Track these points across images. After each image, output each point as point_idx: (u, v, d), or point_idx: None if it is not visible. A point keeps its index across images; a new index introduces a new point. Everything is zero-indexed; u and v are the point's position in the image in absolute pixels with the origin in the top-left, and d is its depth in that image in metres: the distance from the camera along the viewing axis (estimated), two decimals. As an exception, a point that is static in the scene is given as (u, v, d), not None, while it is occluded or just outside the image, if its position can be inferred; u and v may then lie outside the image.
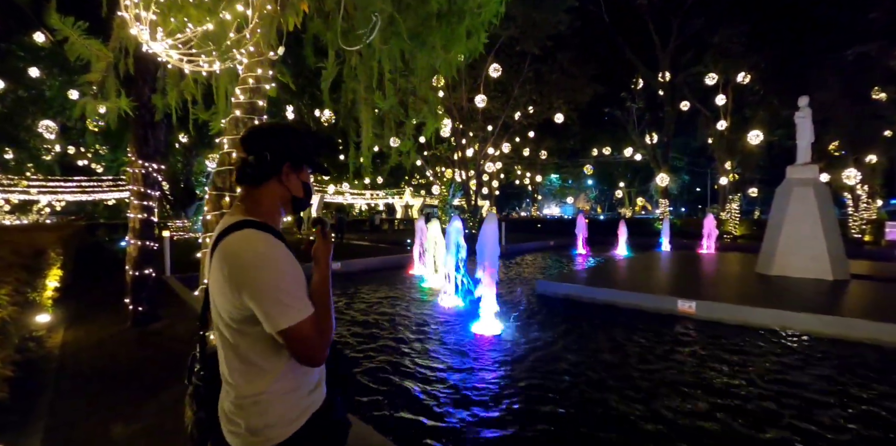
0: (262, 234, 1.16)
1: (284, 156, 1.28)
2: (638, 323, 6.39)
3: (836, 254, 9.03)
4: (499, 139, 25.31)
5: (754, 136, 18.79)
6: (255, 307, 1.12)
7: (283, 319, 1.10)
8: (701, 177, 41.26)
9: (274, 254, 1.14)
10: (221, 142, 2.71)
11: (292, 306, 1.11)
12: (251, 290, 1.11)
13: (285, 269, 1.13)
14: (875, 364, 4.76)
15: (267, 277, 1.11)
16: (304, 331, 1.12)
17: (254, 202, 1.27)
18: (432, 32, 2.56)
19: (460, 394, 3.94)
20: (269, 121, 1.41)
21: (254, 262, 1.12)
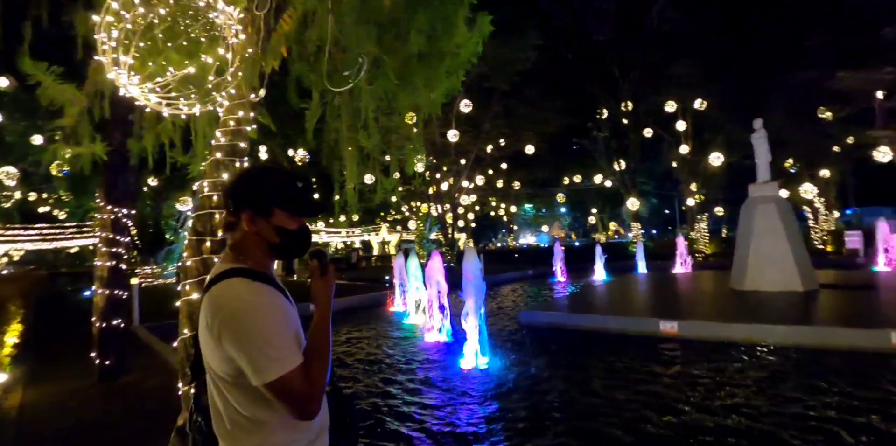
0: (245, 282, 1.11)
1: (243, 204, 1.21)
2: (624, 347, 6.38)
3: (803, 265, 9.35)
4: (472, 172, 25.78)
5: (715, 158, 19.72)
6: (238, 359, 1.06)
7: (267, 372, 1.03)
8: (668, 199, 42.63)
9: (257, 303, 1.08)
10: (201, 186, 2.68)
11: (276, 358, 1.03)
12: (233, 342, 1.05)
13: (269, 318, 1.07)
14: (858, 367, 4.85)
15: (249, 328, 1.04)
16: (290, 384, 1.04)
17: (239, 249, 1.22)
18: (414, 73, 2.66)
19: (455, 432, 3.81)
20: (247, 167, 1.34)
21: (234, 313, 1.06)
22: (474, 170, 25.90)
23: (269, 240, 1.21)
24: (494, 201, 36.00)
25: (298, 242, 1.26)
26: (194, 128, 2.94)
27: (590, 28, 24.26)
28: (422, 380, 5.31)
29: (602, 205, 41.49)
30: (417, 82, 2.74)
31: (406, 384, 5.16)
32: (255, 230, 1.20)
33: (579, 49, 25.38)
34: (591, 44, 24.66)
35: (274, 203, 1.21)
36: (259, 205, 1.20)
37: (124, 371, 5.40)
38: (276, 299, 1.12)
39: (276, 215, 1.21)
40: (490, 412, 4.23)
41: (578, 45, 25.28)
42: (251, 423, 1.11)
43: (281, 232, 1.21)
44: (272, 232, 1.21)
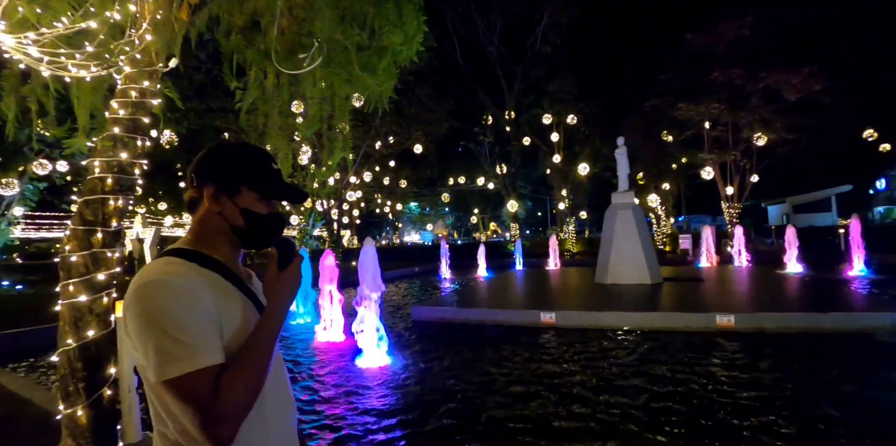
0: (172, 261, 0.94)
1: (209, 177, 1.03)
2: (509, 337, 6.89)
3: (651, 263, 11.00)
4: (360, 168, 25.34)
5: (582, 168, 22.14)
6: (136, 350, 0.88)
7: (162, 369, 0.82)
8: (541, 203, 46.72)
9: (169, 284, 0.88)
10: (92, 165, 2.25)
11: (177, 353, 0.82)
12: (135, 327, 0.87)
13: (181, 304, 0.86)
14: (692, 344, 5.89)
15: (151, 313, 0.85)
16: (189, 388, 0.82)
17: (194, 232, 1.05)
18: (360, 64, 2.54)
19: (355, 430, 3.78)
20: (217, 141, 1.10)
21: (139, 295, 0.88)
22: (362, 165, 25.50)
23: (232, 222, 1.03)
24: (380, 198, 35.81)
25: (266, 229, 1.07)
26: (76, 95, 2.42)
27: (480, 38, 25.54)
28: (319, 381, 5.14)
29: (483, 205, 43.75)
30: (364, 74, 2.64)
31: (301, 386, 4.96)
32: (217, 209, 1.02)
33: (470, 56, 26.65)
34: (482, 53, 26.06)
35: (242, 180, 1.04)
36: (224, 180, 1.03)
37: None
38: (202, 283, 0.92)
39: (244, 195, 1.04)
40: (392, 407, 4.27)
41: (469, 53, 26.54)
42: (180, 439, 0.88)
43: (247, 214, 1.04)
44: (236, 213, 1.03)
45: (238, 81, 2.81)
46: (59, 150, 13.84)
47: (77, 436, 2.03)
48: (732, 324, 6.62)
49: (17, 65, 2.18)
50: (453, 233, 58.84)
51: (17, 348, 6.90)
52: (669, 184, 25.25)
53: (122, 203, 2.26)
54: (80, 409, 2.03)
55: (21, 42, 1.94)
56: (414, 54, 2.79)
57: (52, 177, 15.80)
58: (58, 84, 2.39)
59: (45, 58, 2.02)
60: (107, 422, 2.12)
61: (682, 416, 3.78)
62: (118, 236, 2.24)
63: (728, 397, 4.17)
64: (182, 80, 17.81)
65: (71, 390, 2.05)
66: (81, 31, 2.13)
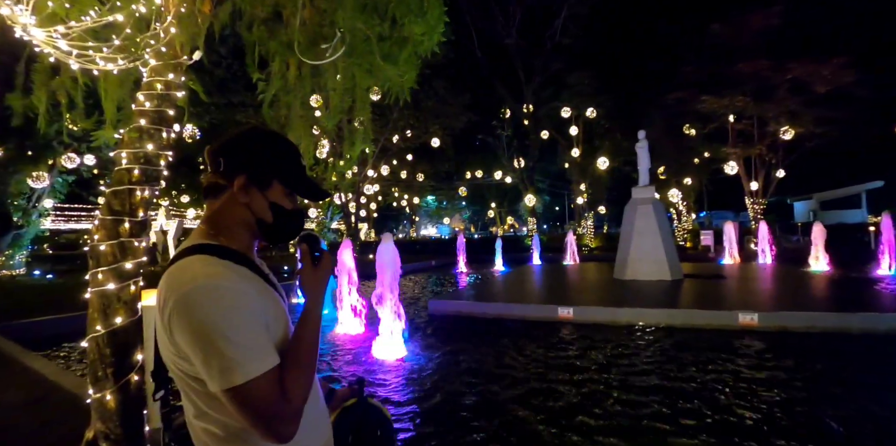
0: (210, 261, 0.91)
1: (242, 166, 0.99)
2: (526, 331, 6.87)
3: (671, 259, 10.82)
4: (377, 161, 25.46)
5: (602, 162, 21.82)
6: (193, 357, 0.85)
7: (225, 377, 0.81)
8: (559, 197, 46.31)
9: (217, 287, 0.85)
10: (119, 156, 2.30)
11: (238, 359, 0.82)
12: (185, 335, 0.84)
13: (232, 307, 0.85)
14: (713, 342, 5.78)
15: (204, 318, 0.82)
16: (255, 394, 0.82)
17: (213, 222, 1.01)
18: (374, 53, 2.54)
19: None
20: (248, 126, 1.08)
21: (187, 298, 0.84)
22: (380, 159, 25.60)
23: (259, 216, 1.01)
24: (398, 192, 35.95)
25: (291, 225, 1.06)
26: (104, 88, 2.48)
27: (498, 31, 25.27)
28: (335, 370, 5.22)
29: (501, 200, 43.59)
30: (385, 66, 2.64)
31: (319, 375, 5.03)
32: (246, 201, 0.99)
33: (488, 49, 26.42)
34: (500, 46, 25.81)
35: (276, 174, 1.02)
36: (259, 172, 1.00)
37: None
38: (245, 284, 0.91)
39: (274, 188, 1.02)
40: (407, 398, 4.31)
41: (487, 45, 26.30)
42: (228, 435, 0.89)
43: (276, 209, 1.02)
44: (265, 207, 1.01)
45: (261, 73, 2.84)
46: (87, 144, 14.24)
47: (106, 420, 2.11)
48: (755, 323, 6.48)
49: (46, 59, 2.24)
50: (470, 227, 58.83)
51: (48, 335, 7.15)
52: (691, 179, 24.74)
53: (149, 193, 2.32)
54: (109, 394, 2.11)
55: (51, 35, 1.98)
56: (436, 45, 2.77)
57: (79, 170, 16.30)
58: (86, 78, 2.45)
59: (74, 51, 2.07)
60: (133, 407, 2.20)
61: (700, 416, 3.73)
62: (145, 226, 2.30)
63: (749, 398, 4.09)
64: (204, 75, 18.08)
65: (100, 375, 2.12)
66: (108, 25, 2.17)
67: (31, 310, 8.28)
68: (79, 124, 2.74)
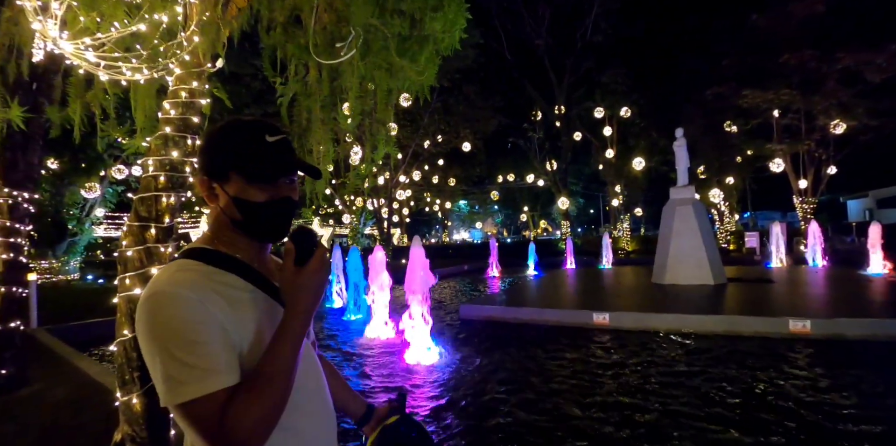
0: (187, 266, 0.85)
1: (200, 168, 0.94)
2: (560, 337, 6.67)
3: (714, 262, 10.31)
4: (409, 167, 25.66)
5: (637, 163, 21.20)
6: (148, 367, 0.80)
7: (172, 392, 0.75)
8: (594, 199, 45.35)
9: (176, 296, 0.78)
10: (146, 164, 2.36)
11: (182, 378, 0.75)
12: (141, 342, 0.80)
13: (189, 319, 0.77)
14: (762, 351, 5.43)
15: (160, 328, 0.77)
16: (201, 414, 0.75)
17: (211, 227, 0.96)
18: (401, 54, 2.52)
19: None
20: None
21: (147, 307, 0.79)
22: (411, 164, 25.80)
23: (229, 215, 0.91)
24: (429, 197, 36.11)
25: (266, 219, 0.91)
26: (133, 98, 2.57)
27: (527, 32, 25.06)
28: (365, 376, 5.20)
29: (533, 203, 43.08)
30: (402, 64, 2.62)
31: (351, 380, 5.03)
32: (215, 202, 0.92)
33: (517, 51, 26.23)
34: (529, 47, 25.57)
35: (228, 165, 0.89)
36: (212, 168, 0.91)
37: (25, 381, 4.72)
38: (214, 295, 0.81)
39: (233, 182, 0.89)
40: (438, 405, 4.23)
41: (516, 47, 26.11)
42: None
43: (240, 204, 0.89)
44: (229, 204, 0.90)
45: (280, 77, 2.87)
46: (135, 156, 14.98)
47: (132, 423, 2.15)
48: (808, 331, 6.06)
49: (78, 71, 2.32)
50: (503, 231, 58.40)
51: (98, 336, 7.48)
52: (733, 178, 23.63)
53: (175, 200, 2.37)
54: (136, 397, 2.14)
55: (78, 47, 2.05)
56: (457, 42, 2.70)
57: (128, 180, 17.14)
58: (117, 89, 2.54)
59: (102, 62, 2.13)
60: (159, 410, 2.22)
61: (750, 432, 3.47)
62: (171, 232, 2.35)
63: (805, 412, 3.79)
64: (241, 88, 18.77)
65: (127, 379, 2.17)
66: (134, 35, 2.23)
67: (83, 313, 8.74)
68: (112, 134, 2.84)
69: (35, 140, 4.71)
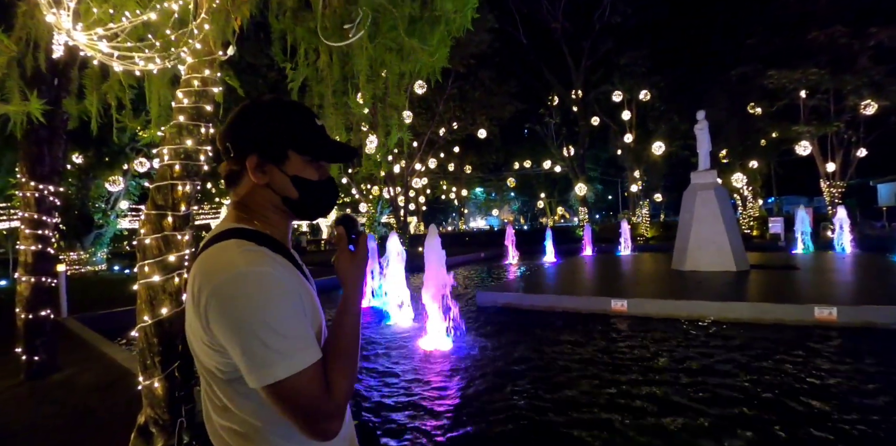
0: (247, 246, 0.83)
1: (248, 147, 0.90)
2: (578, 324, 6.63)
3: (737, 248, 10.08)
4: (424, 155, 25.56)
5: (657, 147, 20.72)
6: (230, 350, 0.79)
7: (268, 371, 0.76)
8: (612, 185, 44.65)
9: (259, 274, 0.78)
10: (161, 153, 2.39)
11: (283, 352, 0.76)
12: (223, 326, 0.77)
13: (275, 296, 0.78)
14: (786, 339, 5.31)
15: (246, 308, 0.76)
16: (300, 389, 0.77)
17: (242, 206, 0.94)
18: (411, 36, 2.48)
19: (423, 412, 3.81)
20: (247, 101, 0.97)
21: (226, 286, 0.77)
22: (427, 152, 25.69)
23: (283, 194, 0.92)
24: (445, 184, 36.03)
25: (323, 196, 0.96)
26: (148, 88, 2.59)
27: (544, 15, 24.44)
28: (384, 363, 5.26)
29: (550, 189, 42.65)
30: (415, 46, 2.56)
31: (366, 366, 5.10)
32: (265, 181, 0.91)
33: (533, 34, 25.63)
34: (545, 30, 24.96)
35: (288, 144, 0.91)
36: (269, 147, 0.90)
37: (55, 367, 4.91)
38: (286, 272, 0.84)
39: (292, 160, 0.91)
40: (455, 392, 4.26)
41: (532, 31, 25.50)
42: (250, 434, 0.85)
43: (299, 182, 0.92)
44: (287, 183, 0.92)
45: (291, 62, 2.85)
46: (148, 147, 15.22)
47: (154, 406, 2.21)
48: (834, 318, 5.89)
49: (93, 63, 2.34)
50: (519, 218, 58.12)
51: (124, 324, 7.70)
52: (757, 162, 22.89)
53: (190, 188, 2.39)
54: (157, 381, 2.20)
55: (92, 38, 2.06)
56: (469, 22, 2.62)
57: (150, 173, 17.47)
58: (131, 79, 2.56)
59: (115, 53, 2.15)
60: (181, 394, 2.28)
61: (770, 423, 3.41)
62: (187, 220, 2.38)
63: (831, 403, 3.71)
64: (257, 78, 18.82)
65: (148, 363, 2.23)
66: (146, 25, 2.23)
67: (110, 302, 9.02)
68: (128, 124, 2.87)
69: (59, 134, 4.82)
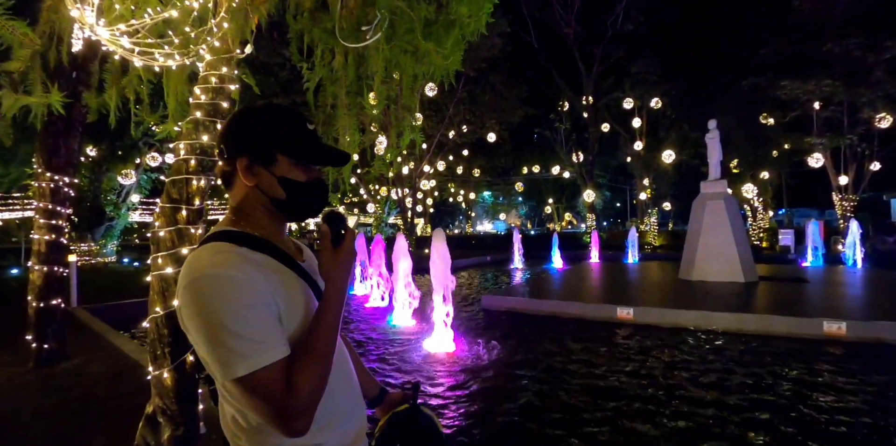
0: (222, 248, 0.87)
1: (241, 148, 0.95)
2: (583, 331, 6.60)
3: (745, 259, 9.99)
4: (433, 157, 25.64)
5: (667, 156, 20.61)
6: (196, 348, 0.84)
7: (228, 369, 0.79)
8: (621, 192, 44.44)
9: (221, 276, 0.81)
10: (177, 148, 2.43)
11: (241, 351, 0.79)
12: (191, 325, 0.83)
13: (238, 297, 0.81)
14: (794, 352, 5.26)
15: (208, 308, 0.80)
16: (259, 386, 0.79)
17: (236, 210, 0.98)
18: (426, 38, 2.51)
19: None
20: (244, 106, 1.04)
21: (192, 287, 0.82)
22: (436, 155, 25.77)
23: (271, 194, 0.95)
24: (453, 187, 36.08)
25: (310, 198, 0.99)
26: (166, 83, 2.64)
27: (556, 20, 24.46)
28: (387, 362, 5.27)
29: (558, 195, 42.54)
30: (428, 49, 2.59)
31: (369, 366, 5.11)
32: (255, 182, 0.95)
33: (545, 40, 25.63)
34: (557, 35, 24.95)
35: (276, 146, 0.95)
36: (257, 150, 0.94)
37: (64, 356, 4.97)
38: (256, 273, 0.85)
39: (280, 162, 0.95)
40: (457, 394, 4.25)
41: (544, 36, 25.51)
42: (248, 425, 0.89)
43: (286, 184, 0.95)
44: (274, 183, 0.95)
45: (307, 62, 2.89)
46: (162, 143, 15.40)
47: (163, 396, 2.24)
48: (843, 333, 5.82)
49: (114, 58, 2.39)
50: (526, 223, 57.97)
51: (133, 315, 7.80)
52: (768, 173, 22.68)
53: (205, 183, 2.43)
54: (166, 372, 2.23)
55: (114, 34, 2.10)
56: (483, 26, 2.65)
57: (162, 168, 17.68)
58: (150, 75, 2.61)
59: (136, 48, 2.19)
60: (189, 385, 2.31)
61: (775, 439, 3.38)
62: (201, 214, 2.41)
63: (837, 420, 3.66)
64: (269, 77, 18.99)
65: (158, 354, 2.26)
66: (166, 21, 2.28)
67: (120, 294, 9.13)
68: (145, 119, 2.92)
69: (75, 127, 4.90)
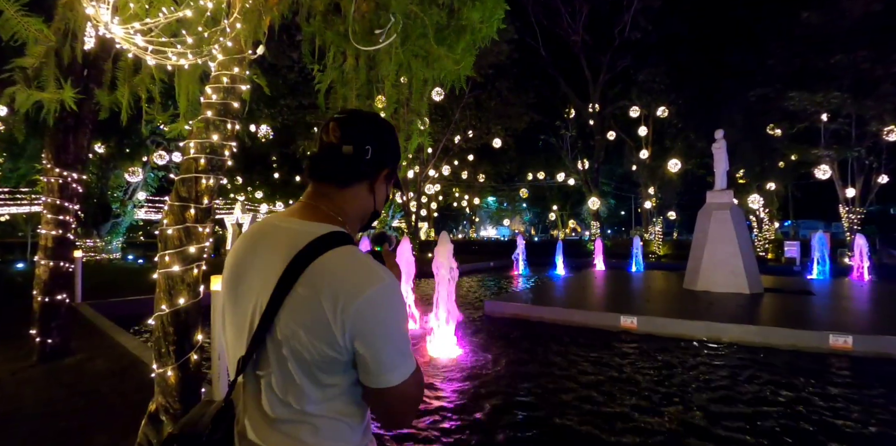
0: (371, 258, 0.90)
1: (387, 158, 0.99)
2: (586, 338, 6.56)
3: (751, 270, 9.92)
4: (439, 161, 25.67)
5: (673, 165, 20.55)
6: (370, 355, 0.83)
7: (398, 373, 0.84)
8: (625, 201, 44.32)
9: (397, 287, 0.87)
10: (188, 147, 2.44)
11: (410, 357, 0.87)
12: (373, 335, 0.82)
13: (404, 307, 0.88)
14: (798, 365, 5.20)
15: (394, 318, 0.84)
16: (409, 389, 0.87)
17: (335, 207, 0.95)
18: (435, 44, 2.53)
19: (425, 413, 3.79)
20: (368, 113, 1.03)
21: (378, 299, 0.82)
22: (441, 159, 25.80)
23: (378, 206, 1.01)
24: (458, 192, 36.09)
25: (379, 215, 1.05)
26: (178, 83, 2.67)
27: (564, 27, 24.53)
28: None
29: (563, 202, 42.45)
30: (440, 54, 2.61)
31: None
32: (374, 192, 0.99)
33: (553, 47, 25.67)
34: (565, 43, 25.00)
35: (393, 161, 1.02)
36: (394, 164, 1.01)
37: (68, 351, 4.98)
38: None
39: (389, 175, 1.02)
40: (461, 398, 4.23)
41: (552, 43, 25.55)
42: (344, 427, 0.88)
43: (386, 198, 1.02)
44: (384, 197, 1.02)
45: (319, 64, 2.91)
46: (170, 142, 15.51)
47: (166, 394, 2.24)
48: (849, 347, 5.76)
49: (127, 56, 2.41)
50: (530, 229, 57.86)
51: (136, 313, 7.81)
52: (775, 184, 22.58)
53: (213, 182, 2.44)
54: (171, 370, 2.22)
55: (128, 32, 2.13)
56: (494, 32, 2.66)
57: (169, 166, 17.80)
58: (162, 74, 2.63)
59: (150, 47, 2.21)
60: (192, 384, 2.30)
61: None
62: (209, 212, 2.42)
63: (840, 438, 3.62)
64: (278, 79, 19.12)
65: (163, 352, 2.26)
66: (180, 21, 2.30)
67: (123, 290, 9.16)
68: (157, 117, 2.94)
69: (85, 124, 4.95)
